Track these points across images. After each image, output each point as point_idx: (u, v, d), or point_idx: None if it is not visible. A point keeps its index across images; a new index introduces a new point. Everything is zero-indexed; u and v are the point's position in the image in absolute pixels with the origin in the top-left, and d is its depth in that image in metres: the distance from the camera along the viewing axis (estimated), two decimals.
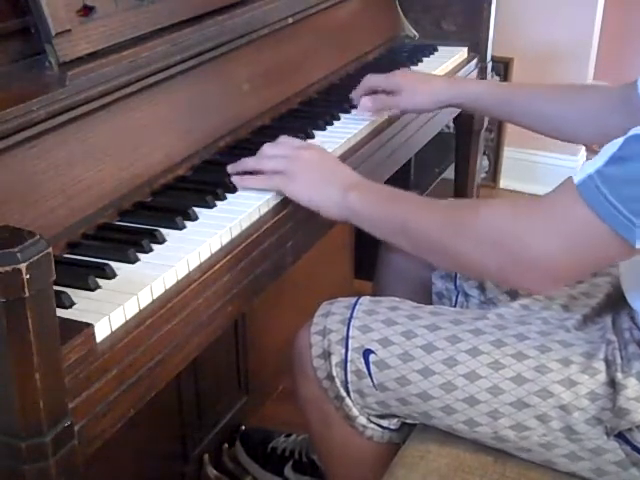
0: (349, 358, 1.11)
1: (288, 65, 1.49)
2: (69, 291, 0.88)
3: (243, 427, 1.69)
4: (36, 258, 0.71)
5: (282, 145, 1.19)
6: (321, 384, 1.14)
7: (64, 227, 1.01)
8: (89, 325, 0.83)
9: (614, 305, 1.15)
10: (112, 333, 0.86)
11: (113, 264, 0.95)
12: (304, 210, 1.14)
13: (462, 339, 1.07)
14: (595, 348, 1.05)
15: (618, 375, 1.01)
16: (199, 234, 1.03)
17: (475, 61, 1.87)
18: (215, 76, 1.31)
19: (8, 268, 0.70)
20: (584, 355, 1.04)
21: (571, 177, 0.92)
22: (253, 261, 1.07)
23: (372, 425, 1.16)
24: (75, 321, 0.84)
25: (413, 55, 1.77)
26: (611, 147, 0.90)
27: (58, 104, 1.00)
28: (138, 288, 0.91)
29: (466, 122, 1.93)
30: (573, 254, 0.93)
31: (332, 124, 1.39)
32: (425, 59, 1.78)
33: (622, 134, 0.91)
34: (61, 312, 0.83)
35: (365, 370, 1.10)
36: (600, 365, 1.03)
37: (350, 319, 1.13)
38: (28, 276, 0.71)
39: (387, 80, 1.45)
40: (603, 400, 1.01)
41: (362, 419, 1.15)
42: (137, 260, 0.97)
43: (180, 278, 0.96)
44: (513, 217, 0.98)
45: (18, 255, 0.70)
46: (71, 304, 0.87)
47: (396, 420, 1.16)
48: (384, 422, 1.16)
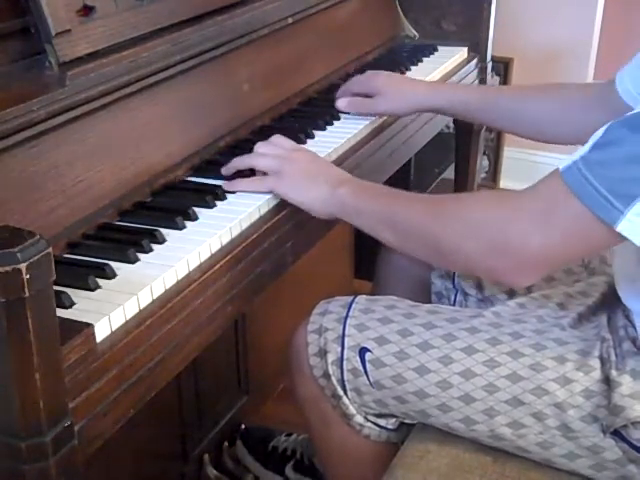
0: (345, 356, 1.12)
1: (288, 65, 1.49)
2: (69, 291, 0.88)
3: (243, 425, 1.69)
4: (36, 258, 0.71)
5: (274, 145, 1.19)
6: (318, 382, 1.15)
7: (64, 227, 1.01)
8: (89, 325, 0.83)
9: (610, 304, 1.15)
10: (112, 333, 0.86)
11: (113, 264, 0.95)
12: (304, 210, 1.14)
13: (458, 337, 1.08)
14: (590, 346, 1.05)
15: (613, 372, 1.01)
16: (199, 234, 1.03)
17: (475, 61, 1.87)
18: (215, 76, 1.31)
19: (8, 268, 0.70)
20: (579, 353, 1.04)
21: (558, 167, 0.92)
22: (253, 261, 1.07)
23: (369, 424, 1.16)
24: (75, 321, 0.84)
25: (413, 55, 1.77)
26: (595, 135, 0.90)
27: (58, 104, 1.00)
28: (138, 288, 0.91)
29: (466, 122, 1.93)
30: (554, 239, 0.92)
31: (332, 124, 1.39)
32: (425, 59, 1.78)
33: None
34: (61, 312, 0.83)
35: (361, 368, 1.11)
36: (595, 363, 1.03)
37: (346, 317, 1.13)
38: (28, 276, 0.71)
39: (367, 83, 1.45)
40: (598, 397, 1.02)
41: (359, 418, 1.15)
42: (137, 260, 0.97)
43: (180, 278, 0.96)
44: (497, 203, 0.98)
45: (18, 255, 0.70)
46: (71, 304, 0.87)
47: (394, 420, 1.16)
48: (381, 421, 1.16)
